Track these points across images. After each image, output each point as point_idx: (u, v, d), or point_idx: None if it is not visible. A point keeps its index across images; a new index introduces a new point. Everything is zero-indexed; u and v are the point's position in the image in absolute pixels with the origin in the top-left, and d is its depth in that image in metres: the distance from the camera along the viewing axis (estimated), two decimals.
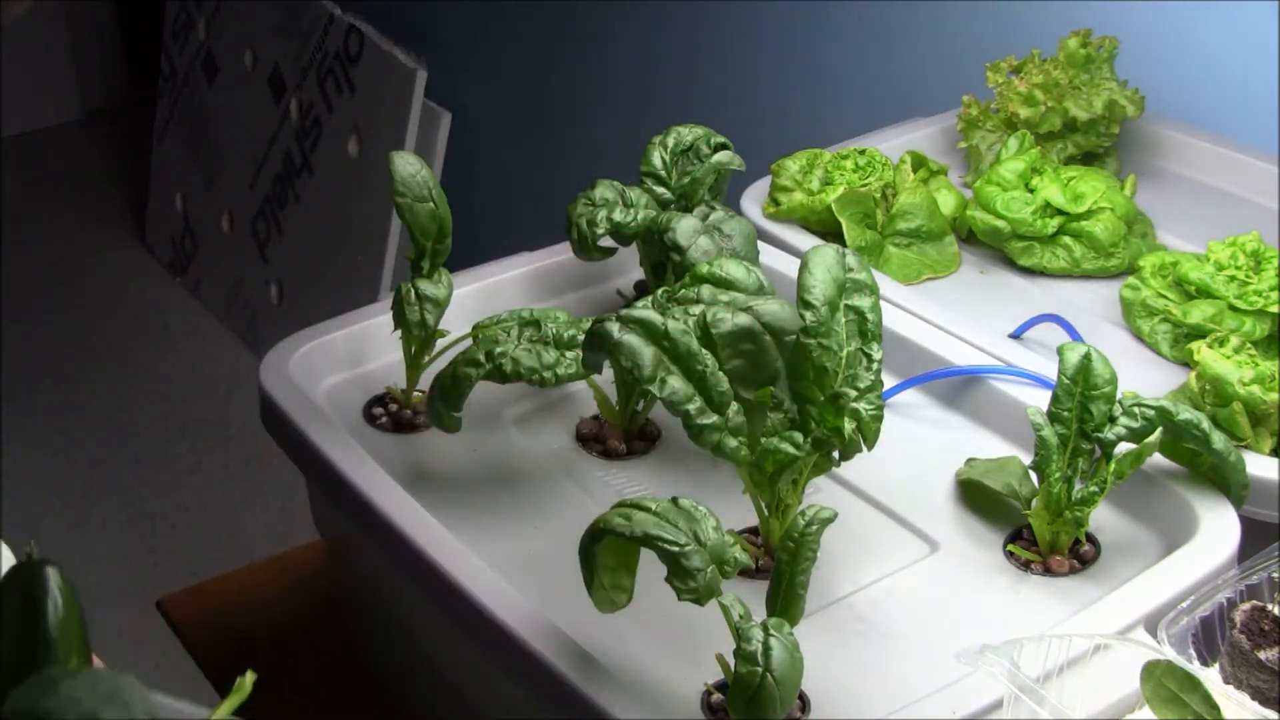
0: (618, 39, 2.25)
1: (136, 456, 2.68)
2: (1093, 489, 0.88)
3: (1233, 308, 1.08)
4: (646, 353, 0.83)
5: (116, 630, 2.27)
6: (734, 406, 0.85)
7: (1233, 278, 1.09)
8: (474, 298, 1.12)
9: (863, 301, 0.91)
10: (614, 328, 0.83)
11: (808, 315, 0.89)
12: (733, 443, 0.84)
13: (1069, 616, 0.83)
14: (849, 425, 0.86)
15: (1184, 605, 0.81)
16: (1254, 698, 0.79)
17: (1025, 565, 0.91)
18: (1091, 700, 0.77)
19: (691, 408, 0.83)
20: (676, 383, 0.83)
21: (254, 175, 2.93)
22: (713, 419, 0.84)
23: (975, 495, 0.96)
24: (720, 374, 0.84)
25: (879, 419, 0.88)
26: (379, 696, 1.06)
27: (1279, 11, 1.33)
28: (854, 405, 0.87)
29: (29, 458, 2.66)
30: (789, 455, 0.86)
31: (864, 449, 0.88)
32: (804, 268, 0.90)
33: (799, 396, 0.89)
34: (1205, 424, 0.89)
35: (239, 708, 0.49)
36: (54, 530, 2.50)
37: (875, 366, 0.89)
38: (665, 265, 1.07)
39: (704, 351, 0.84)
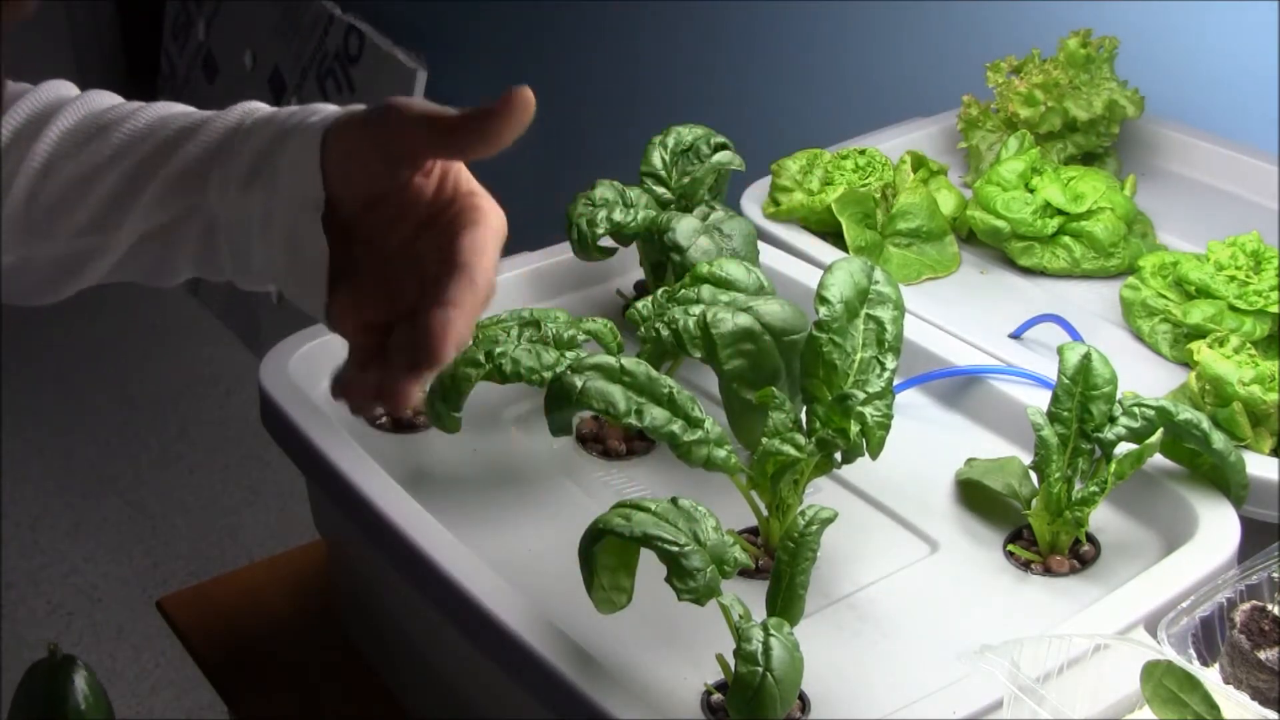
0: (618, 39, 2.25)
1: (136, 456, 2.68)
2: (1093, 489, 0.88)
3: (1233, 308, 1.08)
4: (615, 390, 0.86)
5: (116, 630, 2.27)
6: (709, 419, 0.87)
7: (1233, 278, 1.09)
8: None
9: (884, 314, 0.91)
10: (576, 379, 0.86)
11: (822, 310, 0.89)
12: (721, 453, 0.86)
13: (1069, 616, 0.83)
14: (855, 428, 0.86)
15: (1184, 605, 0.81)
16: (1254, 698, 0.79)
17: (1025, 565, 0.91)
18: (1091, 700, 0.76)
19: (675, 429, 0.86)
20: (655, 410, 0.86)
21: None
22: (697, 434, 0.86)
23: (975, 495, 0.96)
24: (685, 393, 0.86)
25: (885, 427, 0.88)
26: (379, 696, 1.06)
27: (1279, 11, 1.33)
28: (860, 409, 0.87)
29: (29, 458, 2.66)
30: (790, 457, 0.86)
31: (866, 454, 0.88)
32: (827, 270, 0.92)
33: (807, 395, 0.90)
34: (1205, 424, 0.89)
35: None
36: (54, 530, 2.50)
37: (887, 375, 0.89)
38: (665, 265, 1.07)
39: (661, 376, 0.86)
